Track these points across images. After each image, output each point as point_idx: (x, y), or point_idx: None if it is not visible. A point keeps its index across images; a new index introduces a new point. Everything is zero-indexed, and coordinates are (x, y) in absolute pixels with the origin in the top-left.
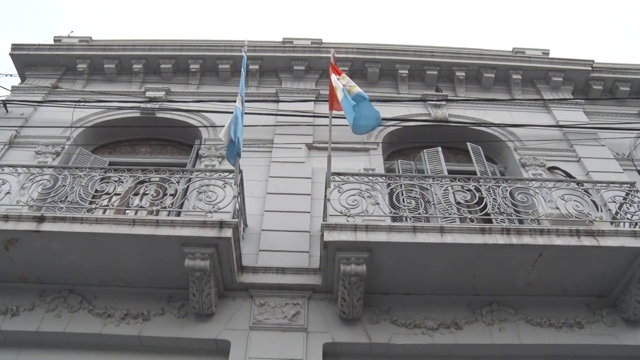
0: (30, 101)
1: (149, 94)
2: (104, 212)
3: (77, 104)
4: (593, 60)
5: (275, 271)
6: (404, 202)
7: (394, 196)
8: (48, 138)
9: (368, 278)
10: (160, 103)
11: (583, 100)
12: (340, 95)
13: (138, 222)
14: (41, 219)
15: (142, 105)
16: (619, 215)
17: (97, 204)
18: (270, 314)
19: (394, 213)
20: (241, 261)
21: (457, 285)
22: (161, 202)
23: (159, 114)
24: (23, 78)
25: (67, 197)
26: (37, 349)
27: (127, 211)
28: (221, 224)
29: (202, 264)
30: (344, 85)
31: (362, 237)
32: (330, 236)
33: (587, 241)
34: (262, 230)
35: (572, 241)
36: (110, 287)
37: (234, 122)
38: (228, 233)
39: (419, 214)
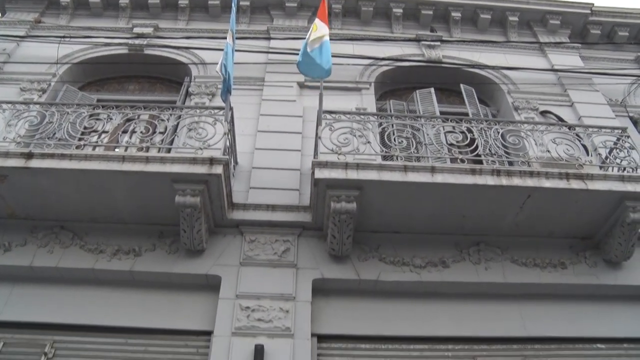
0: (13, 36)
1: (137, 30)
2: (93, 149)
3: (62, 39)
4: (592, 4)
5: (265, 208)
6: (395, 141)
7: (386, 135)
8: (33, 74)
9: (358, 216)
10: (148, 39)
11: (580, 45)
12: (310, 37)
13: (128, 158)
14: (29, 156)
15: (130, 41)
16: (608, 159)
17: (85, 141)
18: (260, 250)
19: (385, 152)
20: (232, 198)
21: (445, 225)
22: (151, 139)
23: (148, 51)
24: (3, 12)
25: (55, 134)
26: (31, 283)
27: (116, 148)
28: (211, 161)
29: (193, 201)
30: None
31: (352, 175)
32: (321, 173)
33: (575, 184)
34: (253, 167)
35: (561, 184)
36: (101, 224)
37: (224, 58)
38: (218, 170)
39: (410, 153)
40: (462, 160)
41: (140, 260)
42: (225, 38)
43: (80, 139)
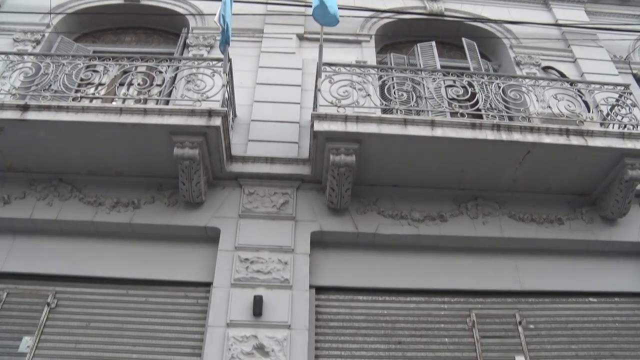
0: None
1: None
2: (90, 102)
3: None
4: None
5: (264, 161)
6: (395, 94)
7: (386, 89)
8: (26, 25)
9: (357, 169)
10: None
11: None
12: None
13: (125, 110)
14: (25, 108)
15: None
16: (609, 116)
17: (82, 93)
18: (259, 203)
19: (385, 105)
20: (230, 150)
21: (444, 179)
22: (148, 91)
23: (144, 1)
24: None
25: (50, 85)
26: (32, 236)
27: (113, 100)
28: (210, 113)
29: (191, 153)
30: None
31: (352, 127)
32: (320, 126)
33: (575, 141)
34: (252, 120)
35: (561, 140)
36: (100, 177)
37: (222, 9)
38: (217, 122)
39: (410, 107)
40: (463, 115)
41: (140, 212)
42: None
43: (76, 91)
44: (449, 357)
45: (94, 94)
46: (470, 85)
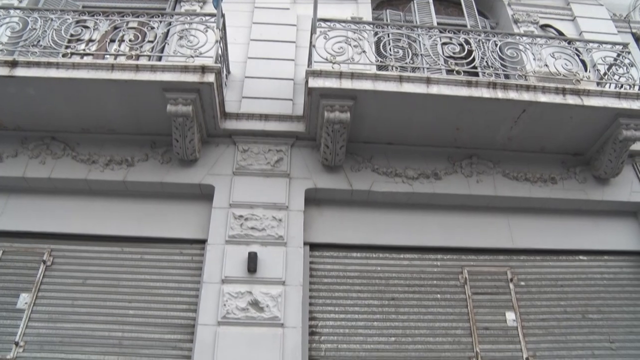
0: None
1: None
2: (81, 58)
3: None
4: None
5: (258, 118)
6: (391, 51)
7: (381, 45)
8: None
9: (351, 126)
10: None
11: None
12: None
13: (117, 67)
14: (14, 64)
15: None
16: (606, 76)
17: (72, 49)
18: (253, 160)
19: (381, 62)
20: (224, 107)
21: (439, 137)
22: (140, 47)
23: None
24: None
25: (39, 41)
26: (25, 194)
27: (105, 57)
28: (203, 69)
29: (185, 110)
30: None
31: (347, 84)
32: (314, 82)
33: (571, 100)
34: (246, 77)
35: (557, 99)
36: (92, 134)
37: None
38: (210, 78)
39: (405, 64)
40: (459, 72)
41: (133, 170)
42: None
43: (66, 47)
44: (441, 312)
45: (84, 50)
46: (467, 42)
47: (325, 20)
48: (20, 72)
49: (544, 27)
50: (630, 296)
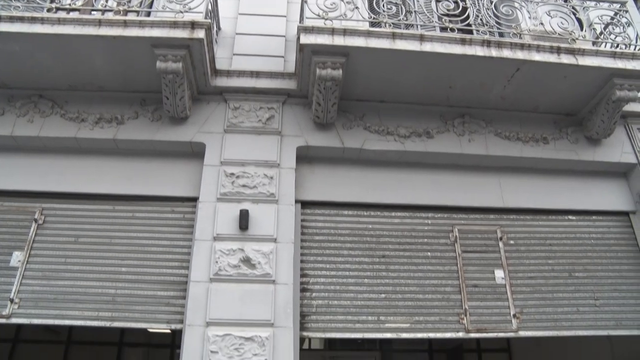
0: None
1: None
2: (67, 14)
3: None
4: None
5: (249, 75)
6: (384, 7)
7: (374, 2)
8: None
9: (343, 84)
10: None
11: None
12: None
13: (104, 22)
14: None
15: None
16: (602, 35)
17: (58, 4)
18: (244, 118)
19: (373, 19)
20: (215, 64)
21: (431, 96)
22: (129, 2)
23: None
24: None
25: None
26: (14, 153)
27: (92, 12)
28: (193, 25)
29: (175, 66)
30: None
31: (339, 41)
32: (306, 39)
33: (566, 59)
34: (236, 34)
35: (552, 58)
36: (81, 92)
37: None
38: (200, 34)
39: (399, 20)
40: (453, 30)
41: (124, 128)
42: None
43: (51, 2)
44: (431, 270)
45: (70, 5)
46: None
47: None
48: (3, 27)
49: None
50: (616, 255)
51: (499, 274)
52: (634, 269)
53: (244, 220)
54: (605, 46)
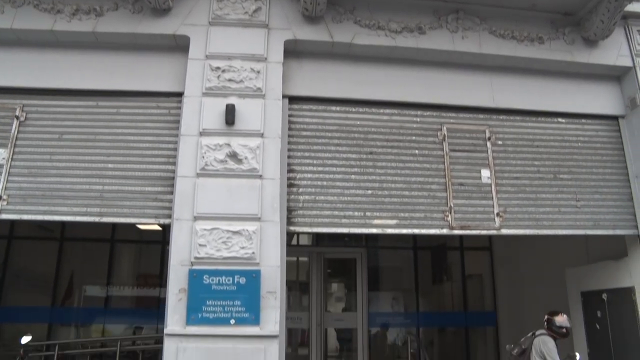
0: None
1: None
2: None
3: None
4: None
5: None
6: None
7: None
8: None
9: None
10: None
11: None
12: None
13: None
14: None
15: None
16: None
17: None
18: (230, 9)
19: None
20: None
21: None
22: None
23: None
24: None
25: None
26: None
27: None
28: None
29: None
30: None
31: None
32: None
33: None
34: None
35: None
36: None
37: None
38: None
39: None
40: None
41: (103, 20)
42: None
43: None
44: (418, 168)
45: None
46: None
47: None
48: None
49: None
50: (601, 159)
51: (485, 173)
52: (616, 172)
53: (230, 115)
54: None
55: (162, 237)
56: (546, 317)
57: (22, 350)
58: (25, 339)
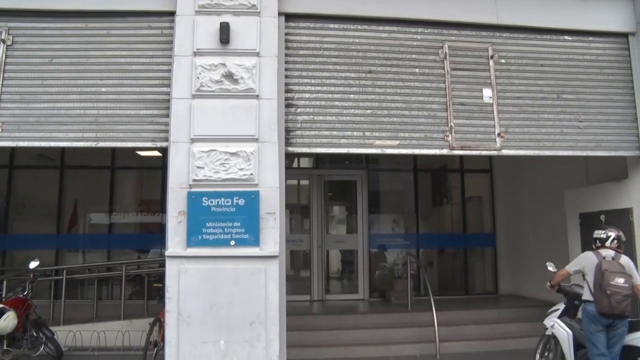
0: None
1: None
2: None
3: None
4: None
5: None
6: None
7: None
8: None
9: None
10: None
11: None
12: None
13: None
14: None
15: None
16: None
17: None
18: None
19: None
20: None
21: None
22: None
23: None
24: None
25: None
26: None
27: None
28: None
29: None
30: None
31: None
32: None
33: None
34: None
35: None
36: None
37: None
38: None
39: None
40: None
41: None
42: None
43: None
44: (418, 87)
45: None
46: None
47: None
48: None
49: None
50: (607, 78)
51: (487, 92)
52: (622, 92)
53: (224, 33)
54: None
55: (163, 163)
56: (615, 234)
57: (32, 275)
58: (33, 264)
